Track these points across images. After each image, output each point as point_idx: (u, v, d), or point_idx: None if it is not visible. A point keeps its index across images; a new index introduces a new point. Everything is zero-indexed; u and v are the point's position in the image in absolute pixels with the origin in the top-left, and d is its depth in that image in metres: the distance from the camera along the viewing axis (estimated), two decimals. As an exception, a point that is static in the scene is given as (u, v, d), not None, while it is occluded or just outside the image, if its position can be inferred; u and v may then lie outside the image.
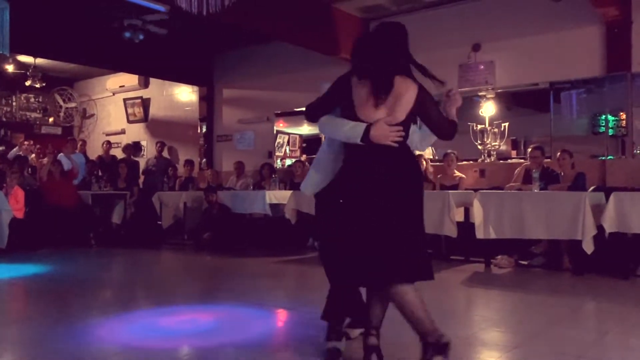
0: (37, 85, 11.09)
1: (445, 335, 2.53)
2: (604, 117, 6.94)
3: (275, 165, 9.61)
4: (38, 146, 10.05)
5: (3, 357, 3.05)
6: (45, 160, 8.78)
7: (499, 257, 6.07)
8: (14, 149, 10.04)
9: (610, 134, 6.88)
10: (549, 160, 6.69)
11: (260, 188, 8.45)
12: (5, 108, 12.09)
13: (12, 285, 5.48)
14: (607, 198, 5.27)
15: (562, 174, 6.14)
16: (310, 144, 10.08)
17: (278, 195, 7.62)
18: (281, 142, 10.12)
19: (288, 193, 7.52)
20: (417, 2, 8.05)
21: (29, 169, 9.14)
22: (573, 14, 6.94)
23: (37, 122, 12.54)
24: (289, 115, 9.95)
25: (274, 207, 7.55)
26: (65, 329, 3.45)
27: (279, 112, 9.98)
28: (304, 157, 9.89)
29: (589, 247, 5.18)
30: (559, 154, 6.25)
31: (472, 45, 7.79)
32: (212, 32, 9.02)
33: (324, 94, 2.78)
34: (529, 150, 6.56)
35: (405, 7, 8.23)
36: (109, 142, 10.93)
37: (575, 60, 7.05)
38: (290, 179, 8.69)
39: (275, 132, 10.05)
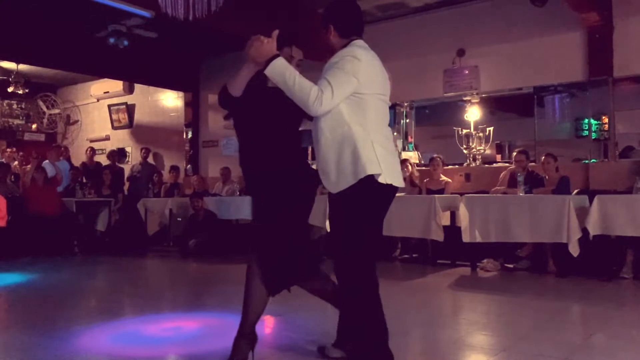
0: (20, 92, 10.96)
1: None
2: (586, 121, 7.02)
3: (261, 171, 9.57)
4: (21, 153, 9.93)
5: (-15, 368, 3.00)
6: (28, 167, 8.67)
7: (485, 260, 6.10)
8: (-4, 156, 9.92)
9: (593, 137, 6.96)
10: (533, 164, 6.75)
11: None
12: (-13, 115, 11.94)
13: (-6, 294, 5.40)
14: (590, 201, 5.32)
15: (547, 177, 6.20)
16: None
17: (265, 201, 7.58)
18: (267, 148, 10.09)
19: (274, 199, 7.48)
20: (403, 7, 8.10)
21: (12, 177, 9.01)
22: (555, 20, 7.03)
23: (20, 129, 12.40)
24: (275, 120, 9.94)
25: (261, 212, 7.51)
26: (48, 338, 3.40)
27: (264, 117, 9.95)
28: (290, 163, 9.88)
29: (575, 250, 5.22)
30: (543, 157, 6.31)
31: (457, 51, 7.85)
32: (197, 37, 8.98)
33: None
34: (514, 154, 6.61)
35: (391, 12, 8.28)
36: (92, 149, 10.83)
37: (558, 65, 7.13)
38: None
39: (261, 137, 10.01)
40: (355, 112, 2.41)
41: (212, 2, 4.88)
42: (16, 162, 9.63)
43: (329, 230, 6.77)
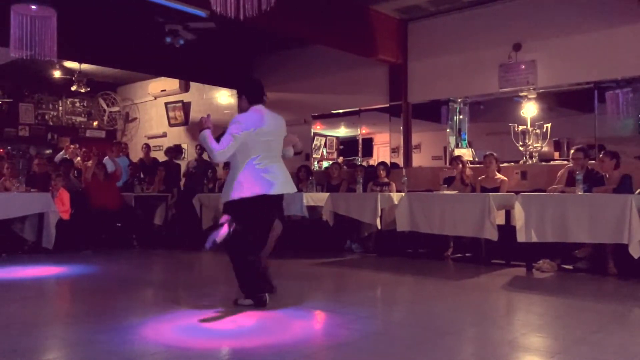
0: (82, 90, 11.45)
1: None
2: (652, 117, 6.73)
3: (312, 168, 9.64)
4: (83, 149, 10.36)
5: (52, 354, 3.15)
6: (89, 163, 9.03)
7: (541, 261, 5.94)
8: (60, 153, 10.36)
9: (658, 134, 6.66)
10: (593, 162, 6.51)
11: (298, 190, 8.47)
12: (52, 112, 12.53)
13: (59, 284, 5.66)
14: (655, 201, 5.10)
15: (607, 176, 5.97)
16: (347, 146, 10.09)
17: (315, 198, 7.64)
18: (318, 144, 10.15)
19: (325, 195, 7.53)
20: (456, 1, 7.96)
21: (75, 172, 9.41)
22: (618, 11, 6.75)
23: (82, 126, 12.96)
24: (326, 117, 9.98)
25: (312, 209, 7.57)
26: (107, 331, 3.53)
27: (316, 114, 10.01)
28: (341, 159, 9.90)
29: (635, 252, 5.02)
30: (600, 155, 6.09)
31: (513, 45, 7.66)
32: (250, 35, 9.12)
33: None
34: (572, 151, 6.40)
35: (444, 7, 8.15)
36: (147, 145, 11.13)
37: (621, 58, 6.85)
38: (327, 181, 8.70)
39: (312, 134, 10.09)
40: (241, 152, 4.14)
41: (263, 1, 4.91)
42: (79, 158, 10.05)
43: (379, 227, 6.83)
